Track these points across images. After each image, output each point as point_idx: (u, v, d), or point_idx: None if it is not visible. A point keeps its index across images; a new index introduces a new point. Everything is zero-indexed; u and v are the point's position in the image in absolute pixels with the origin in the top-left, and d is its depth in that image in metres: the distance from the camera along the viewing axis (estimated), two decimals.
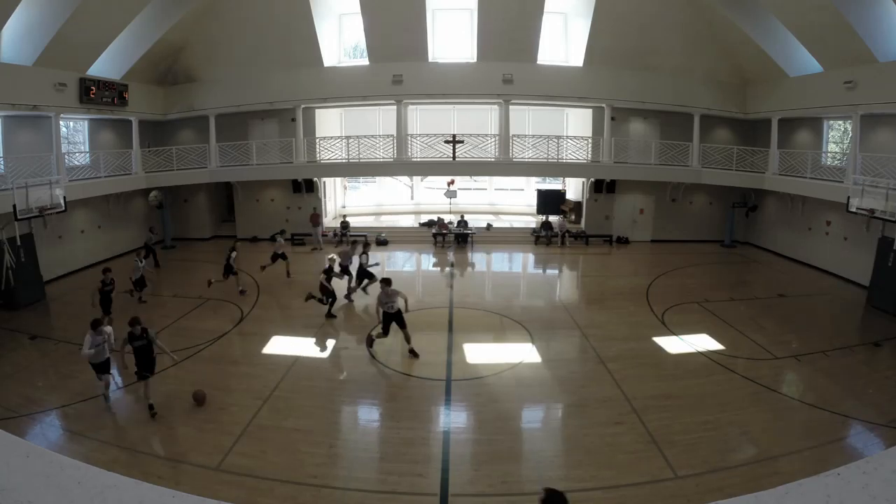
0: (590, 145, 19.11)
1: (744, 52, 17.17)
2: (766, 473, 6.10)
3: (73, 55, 14.41)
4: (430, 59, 18.48)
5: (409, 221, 21.22)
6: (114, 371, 8.19)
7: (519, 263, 18.11)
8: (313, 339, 10.42)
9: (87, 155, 16.68)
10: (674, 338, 10.44)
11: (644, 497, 5.83)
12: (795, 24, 14.29)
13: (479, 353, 9.85)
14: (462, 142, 18.60)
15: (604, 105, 18.68)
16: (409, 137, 19.36)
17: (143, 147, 18.26)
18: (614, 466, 6.33)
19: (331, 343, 10.35)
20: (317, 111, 19.93)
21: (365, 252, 12.90)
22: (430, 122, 20.61)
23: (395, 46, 17.78)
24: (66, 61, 14.31)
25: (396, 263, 17.70)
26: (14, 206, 12.14)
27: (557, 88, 18.53)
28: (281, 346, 10.11)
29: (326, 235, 19.49)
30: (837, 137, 16.61)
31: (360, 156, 19.18)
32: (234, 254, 13.13)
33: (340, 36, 19.60)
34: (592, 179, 19.36)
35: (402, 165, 19.54)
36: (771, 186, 17.25)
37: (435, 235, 19.05)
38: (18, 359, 9.50)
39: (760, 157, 17.57)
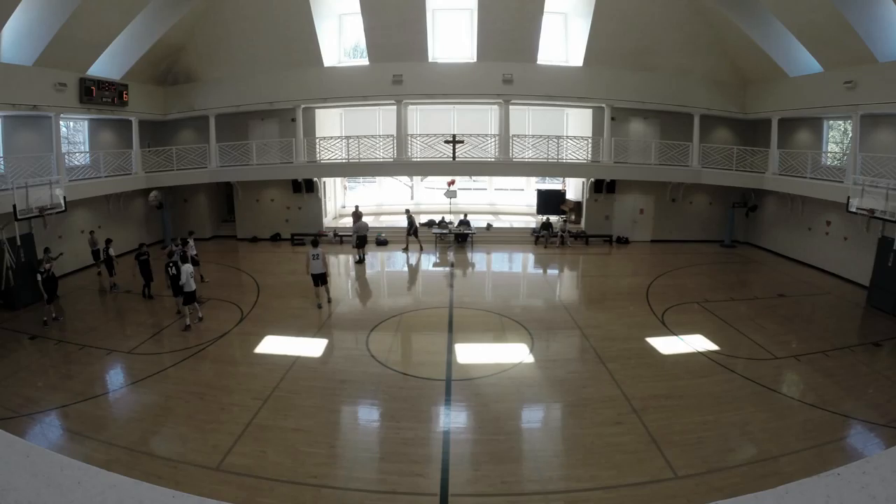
0: (590, 145, 19.11)
1: (744, 52, 17.17)
2: (766, 473, 6.10)
3: (73, 55, 14.42)
4: (430, 59, 18.48)
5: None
6: None
7: (519, 263, 18.10)
8: (313, 339, 10.42)
9: (87, 155, 16.68)
10: (674, 338, 10.44)
11: (644, 497, 5.82)
12: (795, 24, 14.29)
13: (480, 353, 9.87)
14: (462, 142, 18.60)
15: (604, 105, 18.68)
16: (409, 137, 19.36)
17: (143, 147, 18.26)
18: (614, 466, 6.33)
19: (331, 343, 10.35)
20: (317, 111, 19.93)
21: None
22: (430, 122, 20.62)
23: (395, 46, 17.79)
24: (66, 61, 14.32)
25: (396, 263, 17.70)
26: (14, 206, 12.15)
27: (557, 88, 18.54)
28: (281, 346, 10.11)
29: (326, 235, 19.51)
30: (837, 137, 16.62)
31: (360, 156, 19.19)
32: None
33: (340, 36, 19.60)
34: (592, 179, 19.37)
35: (402, 165, 19.54)
36: (771, 186, 17.26)
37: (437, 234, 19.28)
38: (18, 359, 9.50)
39: (760, 157, 17.58)
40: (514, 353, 9.72)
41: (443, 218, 19.96)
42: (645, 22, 17.24)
